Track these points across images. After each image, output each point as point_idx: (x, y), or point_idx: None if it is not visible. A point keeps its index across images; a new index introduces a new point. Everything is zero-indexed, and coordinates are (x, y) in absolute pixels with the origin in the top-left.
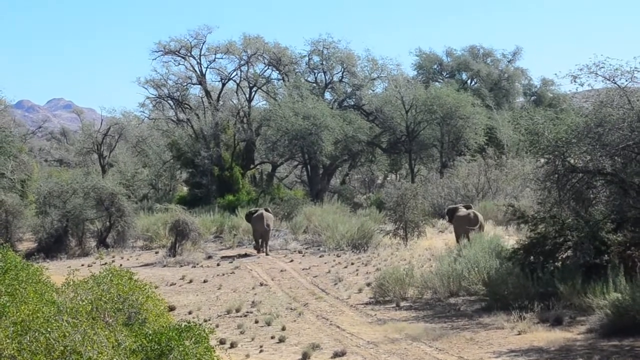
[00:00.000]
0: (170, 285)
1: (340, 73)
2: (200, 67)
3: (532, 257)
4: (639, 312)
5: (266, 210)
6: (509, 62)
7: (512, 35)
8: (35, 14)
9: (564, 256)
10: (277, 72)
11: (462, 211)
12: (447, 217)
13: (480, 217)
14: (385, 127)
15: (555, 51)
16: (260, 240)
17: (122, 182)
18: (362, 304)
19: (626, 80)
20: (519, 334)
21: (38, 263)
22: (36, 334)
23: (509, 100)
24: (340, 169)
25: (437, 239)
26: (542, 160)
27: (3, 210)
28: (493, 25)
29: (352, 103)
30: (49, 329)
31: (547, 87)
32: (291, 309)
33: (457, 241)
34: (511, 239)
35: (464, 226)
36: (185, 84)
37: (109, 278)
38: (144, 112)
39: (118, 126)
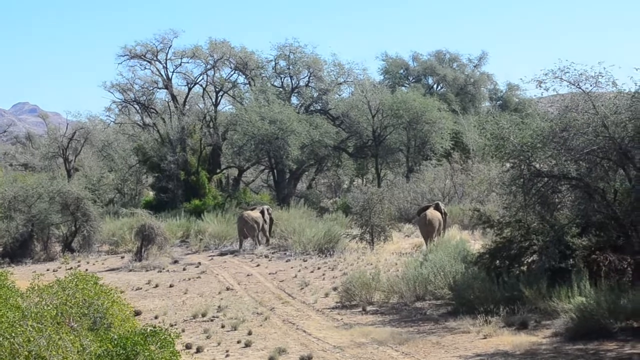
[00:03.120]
0: (136, 289)
1: (307, 78)
2: (167, 71)
3: (497, 262)
4: (604, 316)
5: (261, 211)
6: (475, 67)
7: (478, 40)
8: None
9: (529, 260)
10: (244, 76)
11: (425, 212)
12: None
13: (434, 217)
14: (351, 131)
15: (521, 56)
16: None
17: (87, 186)
18: (328, 309)
19: (591, 85)
20: (485, 338)
21: (3, 268)
22: (0, 338)
23: (475, 104)
24: (306, 173)
25: (404, 243)
26: (508, 165)
27: None
28: (459, 30)
29: (319, 108)
30: (13, 334)
31: (512, 92)
32: (257, 313)
33: (425, 242)
34: (477, 243)
35: (423, 228)
36: (151, 88)
37: (74, 283)
38: (109, 116)
39: (84, 130)
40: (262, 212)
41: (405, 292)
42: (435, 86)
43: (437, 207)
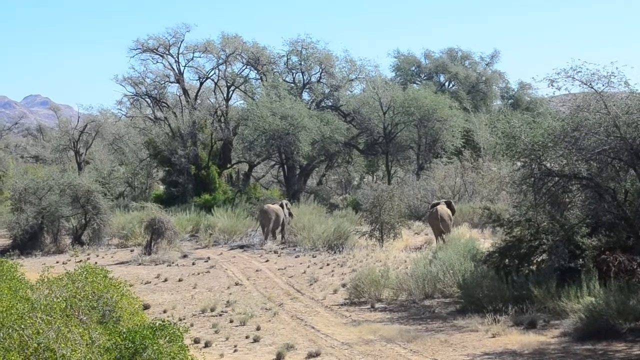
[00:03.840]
0: (145, 283)
1: (319, 73)
2: (178, 65)
3: (507, 261)
4: (613, 316)
5: (280, 205)
6: (486, 65)
7: (490, 38)
8: (14, 11)
9: (538, 260)
10: (255, 71)
11: (436, 208)
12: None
13: (444, 213)
14: (362, 128)
15: (533, 55)
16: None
17: (98, 179)
18: (337, 305)
19: (603, 85)
20: (493, 337)
21: (12, 260)
22: (10, 330)
23: (487, 103)
24: (317, 169)
25: (413, 241)
26: (519, 164)
27: None
28: (471, 28)
29: (330, 104)
30: (22, 326)
31: (524, 90)
32: (266, 309)
33: (437, 238)
34: (486, 242)
35: (433, 223)
36: (163, 82)
37: (83, 276)
38: (121, 109)
39: (95, 123)
40: (282, 206)
41: (414, 289)
42: (446, 84)
43: (448, 204)
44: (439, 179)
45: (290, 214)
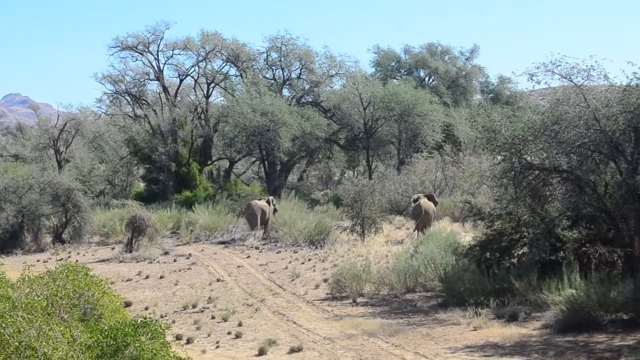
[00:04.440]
0: (127, 281)
1: (299, 70)
2: (158, 63)
3: (488, 254)
4: (594, 308)
5: (267, 201)
6: (466, 59)
7: (469, 33)
8: None
9: (519, 253)
10: (235, 68)
11: (417, 202)
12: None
13: (429, 207)
14: (343, 123)
15: (513, 49)
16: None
17: (78, 177)
18: (318, 300)
19: (582, 79)
20: (475, 330)
21: None
22: None
23: (467, 97)
24: (297, 165)
25: (395, 235)
26: (499, 158)
27: None
28: (451, 23)
29: (310, 100)
30: (3, 325)
31: (504, 84)
32: (248, 304)
33: (416, 231)
34: (467, 235)
35: (418, 217)
36: (142, 79)
37: (64, 274)
38: (101, 107)
39: (75, 122)
40: (268, 202)
41: (395, 284)
42: (426, 79)
43: (430, 198)
44: (419, 174)
45: (275, 210)
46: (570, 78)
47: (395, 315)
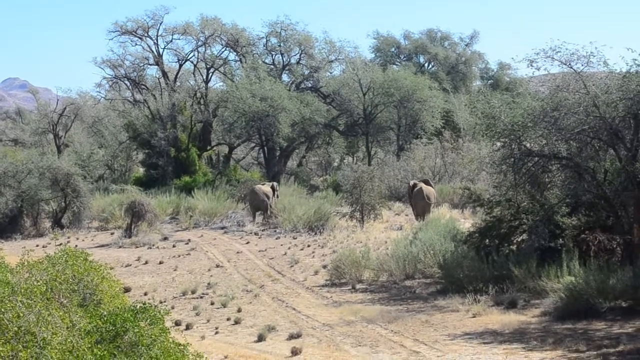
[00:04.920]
0: (126, 266)
1: (298, 55)
2: (157, 47)
3: (487, 241)
4: (593, 295)
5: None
6: (466, 45)
7: (469, 19)
8: None
9: (519, 240)
10: (235, 53)
11: (417, 187)
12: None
13: (430, 192)
14: (342, 109)
15: (512, 35)
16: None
17: (77, 162)
18: (318, 286)
19: (582, 65)
20: (474, 317)
21: None
22: None
23: (466, 83)
24: (297, 151)
25: (394, 221)
26: (498, 144)
27: None
28: (451, 8)
29: (310, 85)
30: (2, 310)
31: (503, 71)
32: (247, 290)
33: (416, 218)
34: (467, 222)
35: (420, 202)
36: (142, 64)
37: (64, 259)
38: (100, 92)
39: (74, 106)
40: (272, 188)
41: (394, 270)
42: (426, 65)
43: (427, 183)
44: (419, 160)
45: (277, 196)
46: (570, 64)
47: (394, 302)
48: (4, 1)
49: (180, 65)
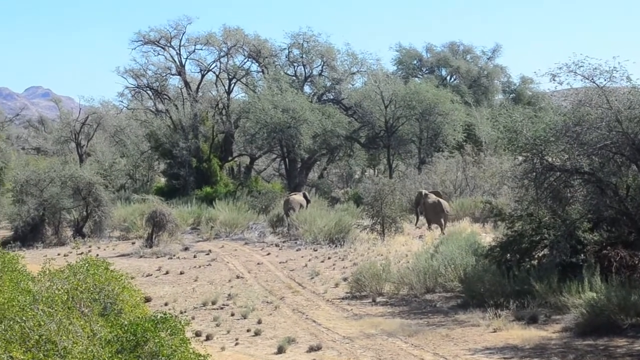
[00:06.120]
0: (147, 276)
1: (320, 67)
2: (180, 57)
3: (508, 255)
4: (614, 311)
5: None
6: (488, 59)
7: (492, 32)
8: (15, 2)
9: (540, 254)
10: (257, 64)
11: (432, 197)
12: (415, 201)
13: (445, 204)
14: (364, 121)
15: (535, 49)
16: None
17: (99, 171)
18: (338, 299)
19: (605, 80)
20: (495, 332)
21: (14, 251)
22: (11, 322)
23: (488, 97)
24: (318, 162)
25: (415, 234)
26: (520, 158)
27: None
28: (473, 22)
29: (332, 97)
30: (24, 318)
31: (526, 85)
32: (267, 302)
33: (429, 227)
34: (488, 236)
35: (436, 214)
36: (164, 74)
37: (85, 268)
38: (122, 101)
39: (96, 115)
40: (304, 196)
41: (415, 283)
42: (448, 78)
43: (438, 195)
44: (440, 173)
45: (308, 203)
46: (592, 79)
47: (415, 316)
48: (28, 10)
49: (203, 76)
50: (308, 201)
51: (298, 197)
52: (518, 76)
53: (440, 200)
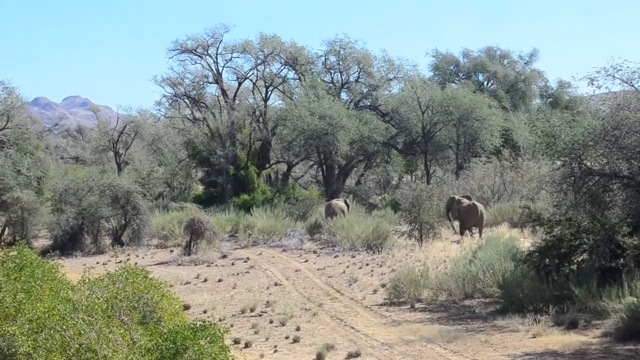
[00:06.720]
0: (185, 284)
1: (357, 73)
2: (217, 65)
3: (547, 260)
4: None
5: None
6: (525, 63)
7: (528, 37)
8: (52, 11)
9: (579, 259)
10: (294, 71)
11: (465, 202)
12: (446, 206)
13: (482, 208)
14: (401, 128)
15: (573, 53)
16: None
17: (137, 180)
18: (376, 305)
19: None
20: (534, 337)
21: (53, 260)
22: (52, 331)
23: (526, 102)
24: (355, 169)
25: (452, 240)
26: (559, 163)
27: (19, 207)
28: (510, 26)
29: (368, 103)
30: (64, 327)
31: (563, 89)
32: (306, 309)
33: (462, 233)
34: (526, 241)
35: (472, 219)
36: (201, 82)
37: (124, 276)
38: (160, 110)
39: (134, 124)
40: (345, 202)
41: (453, 289)
42: (485, 83)
43: (469, 199)
44: (478, 179)
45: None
46: (631, 83)
47: (454, 321)
48: (65, 20)
49: (240, 84)
50: (349, 207)
51: (340, 203)
52: (555, 80)
53: (476, 203)
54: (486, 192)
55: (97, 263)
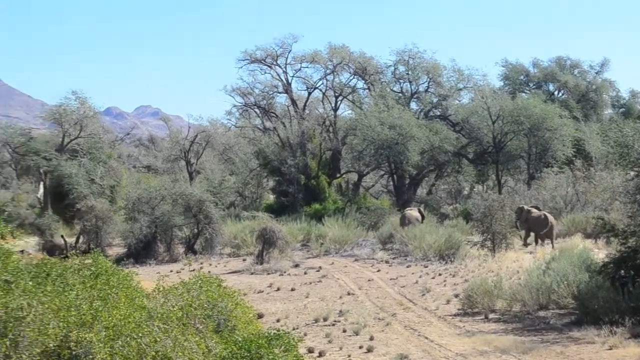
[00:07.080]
0: (258, 292)
1: (426, 83)
2: (286, 75)
3: (622, 271)
4: None
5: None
6: (596, 73)
7: (599, 46)
8: (125, 23)
9: None
10: (363, 81)
11: (535, 212)
12: (515, 216)
13: (553, 219)
14: (471, 137)
15: None
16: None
17: (209, 189)
18: (450, 315)
19: None
20: (610, 349)
21: (128, 268)
22: (128, 338)
23: (597, 112)
24: (426, 179)
25: (525, 251)
26: (632, 173)
27: (93, 215)
28: (580, 36)
29: (438, 113)
30: (140, 334)
31: (635, 99)
32: (379, 318)
33: (525, 244)
34: (601, 252)
35: (542, 229)
36: (271, 92)
37: (198, 285)
38: (230, 120)
39: (205, 134)
40: (419, 212)
41: (528, 300)
42: (556, 93)
43: (539, 209)
44: (550, 189)
45: (423, 217)
46: None
47: (528, 332)
48: (136, 32)
49: (309, 93)
50: (423, 217)
51: (414, 213)
52: (627, 90)
53: (546, 214)
54: (559, 203)
55: (171, 271)
